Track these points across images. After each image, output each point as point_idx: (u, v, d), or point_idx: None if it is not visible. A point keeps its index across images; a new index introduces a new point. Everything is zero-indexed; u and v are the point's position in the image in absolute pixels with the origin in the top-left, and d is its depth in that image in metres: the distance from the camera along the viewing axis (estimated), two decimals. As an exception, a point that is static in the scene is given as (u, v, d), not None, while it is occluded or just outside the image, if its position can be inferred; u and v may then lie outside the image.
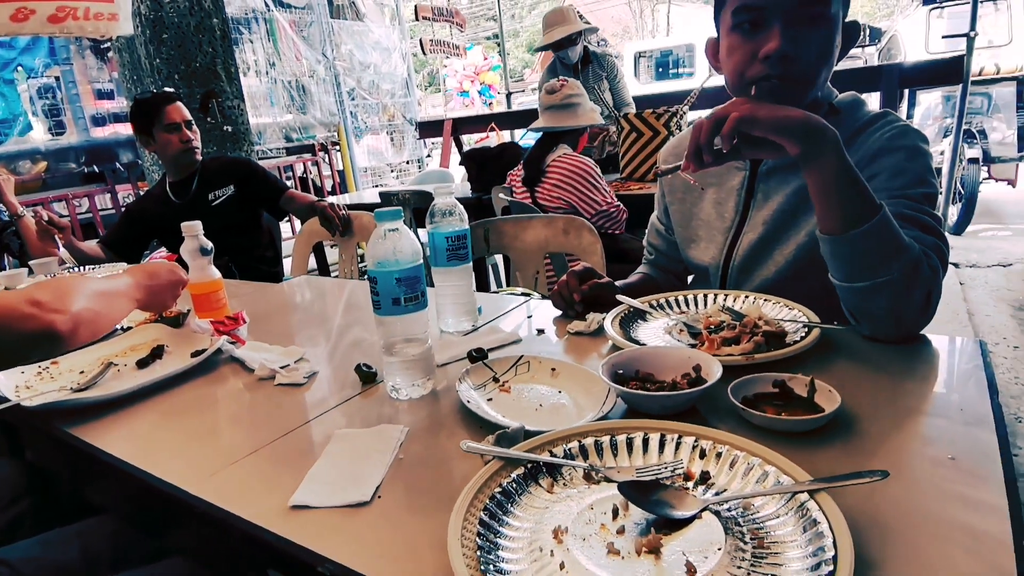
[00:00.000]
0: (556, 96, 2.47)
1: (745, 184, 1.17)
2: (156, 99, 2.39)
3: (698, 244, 1.26)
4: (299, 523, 0.66)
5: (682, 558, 0.52)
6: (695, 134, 0.85)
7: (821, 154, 0.83)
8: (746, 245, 1.16)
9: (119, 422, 0.96)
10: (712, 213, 1.22)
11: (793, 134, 0.81)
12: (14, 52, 5.12)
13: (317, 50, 5.86)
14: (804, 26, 0.95)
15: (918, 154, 1.01)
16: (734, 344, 0.91)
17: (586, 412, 0.81)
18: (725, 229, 1.20)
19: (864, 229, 0.84)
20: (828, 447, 0.69)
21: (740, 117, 0.80)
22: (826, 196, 0.86)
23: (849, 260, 0.88)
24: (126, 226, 2.51)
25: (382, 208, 0.89)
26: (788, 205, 1.12)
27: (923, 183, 0.99)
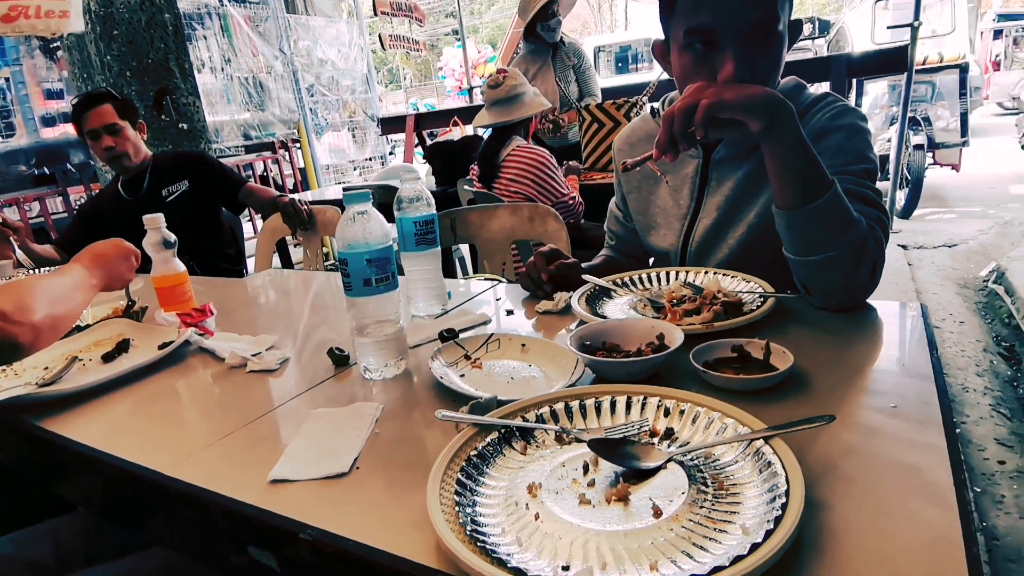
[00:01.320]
0: (500, 90, 2.45)
1: (699, 172, 1.22)
2: (78, 104, 2.29)
3: (657, 231, 1.30)
4: (279, 496, 0.67)
5: (649, 503, 0.55)
6: (668, 125, 0.87)
7: (782, 128, 0.87)
8: (702, 230, 1.21)
9: (89, 414, 0.95)
10: (669, 201, 1.27)
11: (758, 110, 0.85)
12: (-39, 54, 4.90)
13: (274, 46, 5.76)
14: (756, 46, 0.98)
15: (857, 132, 1.07)
16: (695, 315, 0.95)
17: (556, 383, 0.84)
18: (681, 216, 1.24)
19: (818, 204, 0.89)
20: (783, 403, 0.73)
21: (710, 103, 0.83)
22: (784, 170, 0.90)
23: (803, 234, 0.93)
24: (79, 226, 2.45)
25: (351, 191, 0.91)
26: (739, 190, 1.16)
27: (864, 159, 1.05)
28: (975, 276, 3.86)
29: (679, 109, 0.85)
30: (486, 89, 2.52)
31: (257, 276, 1.87)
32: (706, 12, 0.98)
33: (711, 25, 0.98)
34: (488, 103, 2.52)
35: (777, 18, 0.98)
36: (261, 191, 2.47)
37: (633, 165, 0.95)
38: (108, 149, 2.27)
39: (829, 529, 0.52)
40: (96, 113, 2.25)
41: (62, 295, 1.01)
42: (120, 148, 2.29)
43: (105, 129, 2.26)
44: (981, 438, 2.25)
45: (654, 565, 0.47)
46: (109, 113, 2.26)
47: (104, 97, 2.29)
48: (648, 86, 3.27)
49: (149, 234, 1.28)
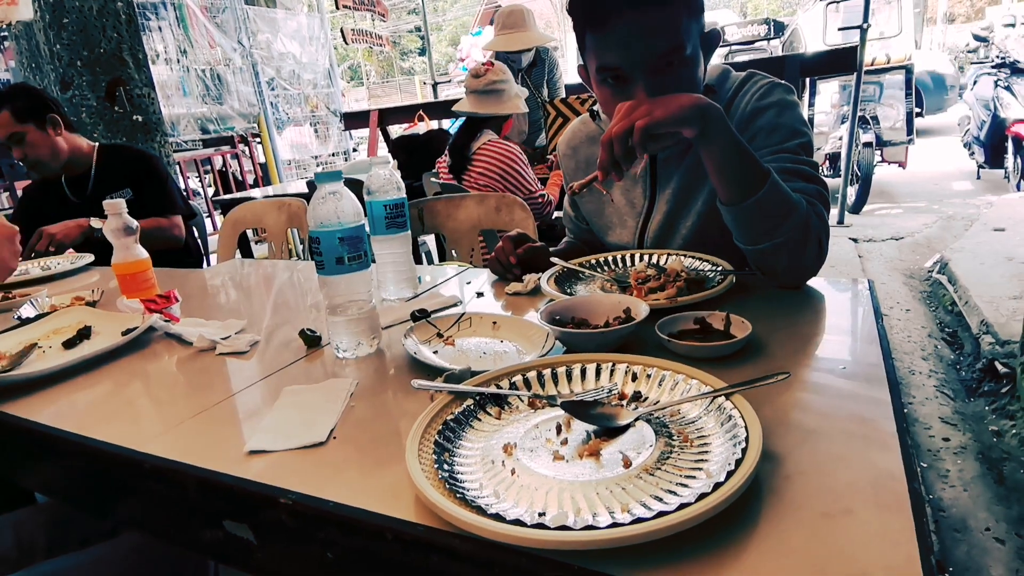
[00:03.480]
0: (480, 81, 2.46)
1: (648, 171, 1.25)
2: None
3: (613, 230, 1.33)
4: (257, 467, 0.68)
5: (619, 456, 0.58)
6: (608, 150, 0.89)
7: (713, 131, 0.89)
8: (656, 225, 1.25)
9: (52, 399, 0.94)
10: (622, 200, 1.30)
11: (689, 120, 0.87)
12: None
13: (232, 38, 5.63)
14: (666, 74, 1.01)
15: (787, 107, 1.11)
16: (660, 292, 0.99)
17: (527, 356, 0.87)
18: (636, 214, 1.28)
19: (758, 196, 0.92)
20: (742, 368, 0.78)
21: (644, 125, 0.86)
22: (721, 169, 0.94)
23: (748, 225, 0.97)
24: (21, 221, 2.25)
25: (322, 171, 0.91)
26: (684, 182, 1.20)
27: (797, 134, 1.09)
28: (920, 267, 4.04)
29: (616, 134, 0.87)
30: (468, 77, 2.52)
31: (220, 266, 1.84)
32: (610, 53, 1.01)
33: (616, 63, 1.01)
34: (467, 91, 2.52)
35: (682, 46, 0.99)
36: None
37: (580, 188, 0.98)
38: (21, 159, 2.11)
39: (784, 473, 0.56)
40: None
41: None
42: (31, 155, 2.11)
43: (8, 140, 2.08)
44: (927, 417, 2.37)
45: (625, 507, 0.50)
46: (6, 122, 2.06)
47: (0, 104, 2.07)
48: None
49: (110, 220, 1.25)
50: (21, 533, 1.08)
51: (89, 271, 1.86)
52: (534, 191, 2.46)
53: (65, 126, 2.20)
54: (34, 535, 1.09)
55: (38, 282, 1.71)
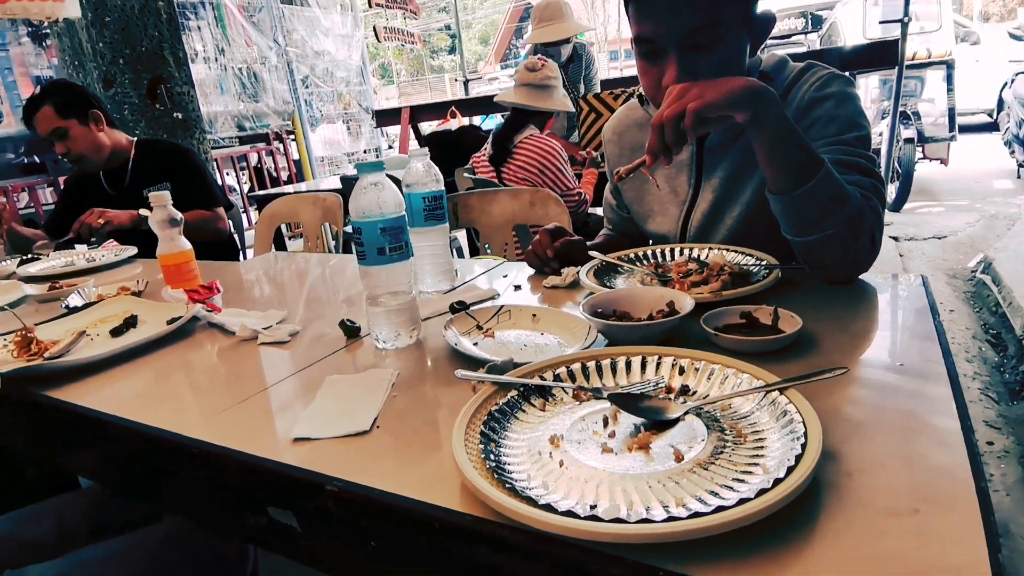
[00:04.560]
0: (536, 75, 2.46)
1: (694, 158, 1.23)
2: (23, 113, 2.15)
3: (654, 218, 1.31)
4: (302, 454, 0.68)
5: (670, 449, 0.57)
6: (658, 134, 0.87)
7: (767, 116, 0.87)
8: (700, 214, 1.22)
9: (99, 385, 0.96)
10: (665, 188, 1.28)
11: (742, 103, 0.85)
12: (-58, 38, 4.81)
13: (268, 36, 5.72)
14: (698, 53, 0.99)
15: (846, 99, 1.07)
16: (703, 285, 0.97)
17: (568, 348, 0.86)
18: (680, 202, 1.26)
19: (810, 186, 0.89)
20: (791, 364, 0.75)
21: (696, 108, 0.83)
22: (773, 157, 0.91)
23: (799, 216, 0.94)
24: (63, 213, 2.35)
25: (363, 161, 0.91)
26: (732, 170, 1.17)
27: (854, 126, 1.05)
28: (963, 267, 3.91)
29: (667, 118, 0.85)
30: (522, 70, 2.52)
31: (256, 259, 1.87)
32: (645, 22, 1.00)
33: (650, 35, 1.00)
34: (519, 83, 2.52)
35: (719, 22, 0.97)
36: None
37: (627, 173, 0.96)
38: (63, 155, 2.16)
39: (844, 471, 0.54)
40: (39, 119, 2.10)
41: None
42: (74, 150, 2.15)
43: (52, 135, 2.13)
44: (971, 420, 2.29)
45: (680, 501, 0.49)
46: (49, 118, 2.10)
47: (42, 99, 2.11)
48: (644, 76, 3.29)
49: (155, 211, 1.28)
50: (63, 518, 1.11)
51: (133, 263, 1.90)
52: (571, 188, 2.45)
53: (107, 122, 2.25)
54: (76, 520, 1.11)
55: (84, 273, 1.76)
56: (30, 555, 0.99)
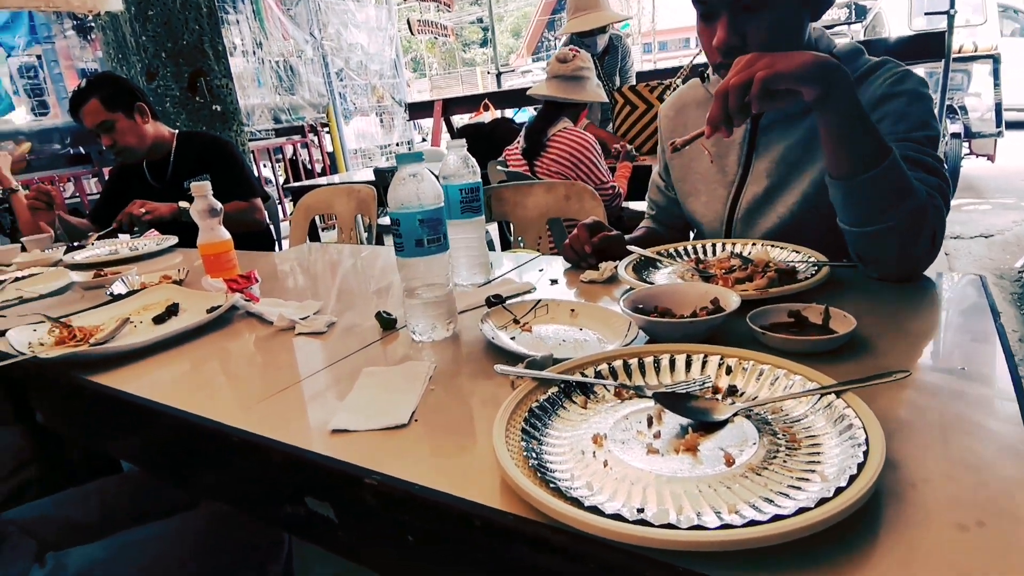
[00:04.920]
0: (567, 66, 2.43)
1: (747, 138, 1.20)
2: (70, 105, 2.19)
3: (698, 198, 1.28)
4: (340, 445, 0.68)
5: (719, 452, 0.55)
6: (721, 101, 0.84)
7: (837, 95, 0.84)
8: (749, 197, 1.19)
9: (142, 371, 0.97)
10: (712, 168, 1.24)
11: (813, 78, 0.82)
12: (-9, 29, 4.99)
13: (304, 30, 5.78)
14: (748, 14, 0.98)
15: (919, 98, 1.04)
16: (748, 282, 0.94)
17: (608, 345, 0.84)
18: (728, 183, 1.22)
19: (875, 173, 0.86)
20: (843, 366, 0.72)
21: (766, 76, 0.81)
22: (839, 139, 0.87)
23: (860, 204, 0.90)
24: (108, 203, 2.41)
25: (402, 152, 0.91)
26: (791, 156, 1.14)
27: (926, 126, 1.02)
28: (1010, 267, 3.76)
29: (734, 85, 0.82)
30: (553, 62, 2.50)
31: (293, 250, 1.89)
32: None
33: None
34: (550, 75, 2.49)
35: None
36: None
37: (683, 144, 0.93)
38: (109, 147, 2.21)
39: (908, 480, 0.51)
40: (86, 112, 2.15)
41: None
42: (120, 143, 2.20)
43: (98, 128, 2.17)
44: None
45: (732, 508, 0.47)
46: (97, 111, 2.14)
47: (89, 92, 2.15)
48: (681, 69, 3.23)
49: (196, 201, 1.30)
50: (106, 501, 1.13)
51: (173, 252, 1.94)
52: (606, 181, 2.42)
53: (151, 115, 2.29)
54: (118, 503, 1.14)
55: (127, 261, 1.80)
56: (75, 536, 1.01)
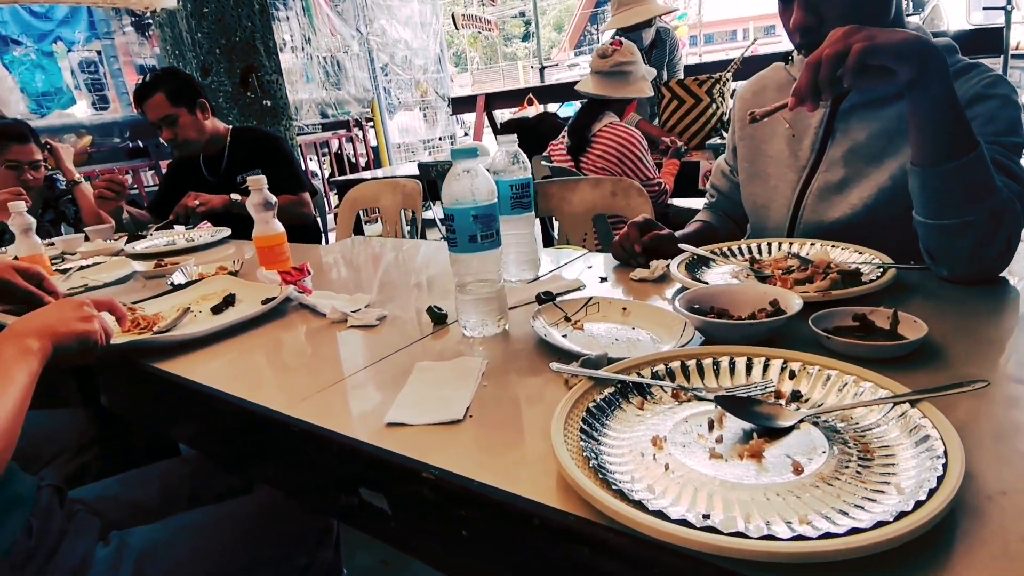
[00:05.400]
0: (606, 62, 2.39)
1: (824, 122, 1.16)
2: (135, 96, 2.26)
3: (765, 181, 1.24)
4: (396, 438, 0.68)
5: (787, 460, 0.53)
6: (811, 72, 0.81)
7: (932, 78, 0.81)
8: (820, 184, 1.15)
9: (202, 359, 1.00)
10: (784, 151, 1.21)
11: (911, 58, 0.79)
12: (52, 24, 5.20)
13: (351, 25, 5.87)
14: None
15: (1010, 103, 1.01)
16: (808, 283, 0.91)
17: (663, 345, 0.82)
18: (799, 168, 1.18)
19: (960, 163, 0.83)
20: (914, 373, 0.69)
21: (863, 48, 0.78)
22: (928, 124, 0.84)
23: (939, 195, 0.87)
24: (165, 194, 2.50)
25: (458, 147, 0.91)
26: (871, 145, 1.10)
27: (1014, 132, 0.99)
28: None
29: (828, 55, 0.79)
30: (594, 57, 2.47)
31: (341, 243, 1.92)
32: None
33: None
34: (592, 71, 2.47)
35: None
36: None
37: (763, 116, 0.91)
38: (170, 140, 2.29)
39: (985, 493, 0.49)
40: (150, 105, 2.22)
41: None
42: (181, 137, 2.27)
43: (162, 121, 2.24)
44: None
45: (804, 519, 0.45)
46: (161, 105, 2.21)
47: (155, 86, 2.23)
48: (732, 62, 3.15)
49: (252, 195, 1.33)
50: (165, 483, 1.17)
51: (226, 243, 2.00)
52: (652, 178, 2.38)
53: (210, 111, 2.36)
54: (177, 486, 1.18)
55: (184, 252, 1.86)
56: (136, 516, 1.05)
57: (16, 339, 0.82)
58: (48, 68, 5.14)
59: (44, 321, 0.87)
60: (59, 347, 0.86)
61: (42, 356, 0.83)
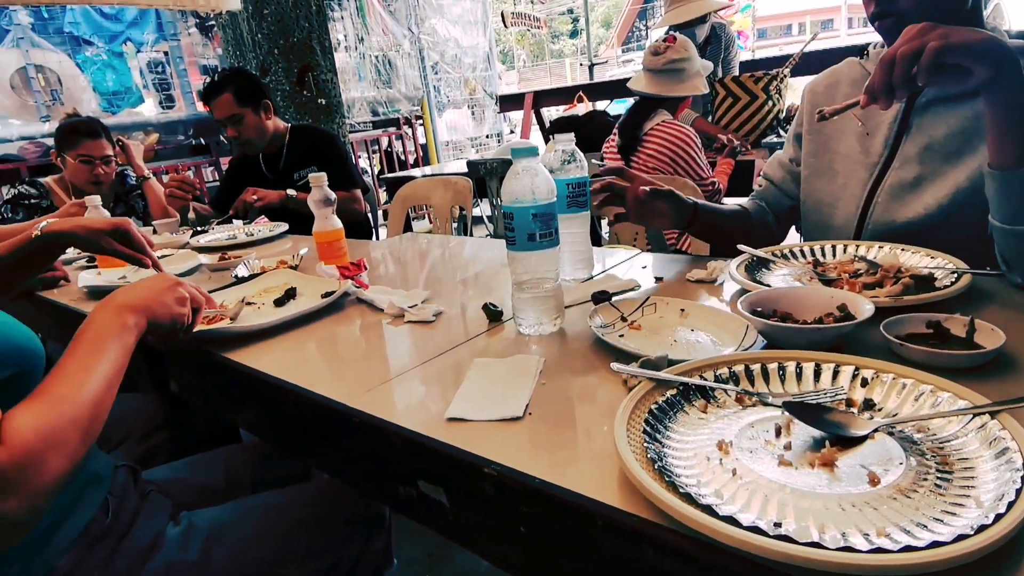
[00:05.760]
0: (659, 59, 2.35)
1: (898, 118, 1.12)
2: (204, 94, 2.36)
3: (833, 178, 1.20)
4: (456, 433, 0.70)
5: (861, 470, 0.52)
6: (885, 69, 0.80)
7: (1007, 80, 0.78)
8: (893, 182, 1.11)
9: (266, 349, 1.04)
10: (855, 147, 1.17)
11: (987, 58, 0.77)
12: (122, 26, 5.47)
13: (403, 25, 5.97)
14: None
15: None
16: (878, 288, 0.88)
17: (724, 348, 0.81)
18: (870, 165, 1.14)
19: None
20: (991, 383, 0.66)
21: (939, 47, 0.76)
22: (1005, 126, 0.82)
23: (1017, 200, 0.83)
24: (226, 189, 2.60)
25: (518, 146, 0.91)
26: (948, 142, 1.05)
27: None
28: None
29: (903, 53, 0.77)
30: (646, 54, 2.43)
31: (393, 239, 1.95)
32: None
33: None
34: (644, 68, 2.43)
35: None
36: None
37: (832, 114, 0.88)
38: (233, 138, 2.38)
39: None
40: (218, 104, 2.31)
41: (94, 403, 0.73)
42: (244, 135, 2.36)
43: (228, 120, 2.33)
44: None
45: (881, 531, 0.44)
46: (228, 104, 2.29)
47: (223, 86, 2.31)
48: (791, 58, 3.07)
49: (313, 192, 1.37)
50: (229, 467, 1.22)
51: (284, 238, 2.06)
52: (705, 177, 2.33)
53: (273, 111, 2.45)
54: (240, 470, 1.22)
55: (244, 246, 1.93)
56: (203, 498, 1.10)
57: (116, 312, 0.84)
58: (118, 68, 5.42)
59: (144, 298, 0.89)
60: (153, 325, 0.89)
61: (138, 332, 0.85)
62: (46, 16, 5.23)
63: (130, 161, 2.58)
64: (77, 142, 2.35)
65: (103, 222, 1.19)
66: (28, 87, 5.10)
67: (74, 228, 1.17)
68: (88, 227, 1.18)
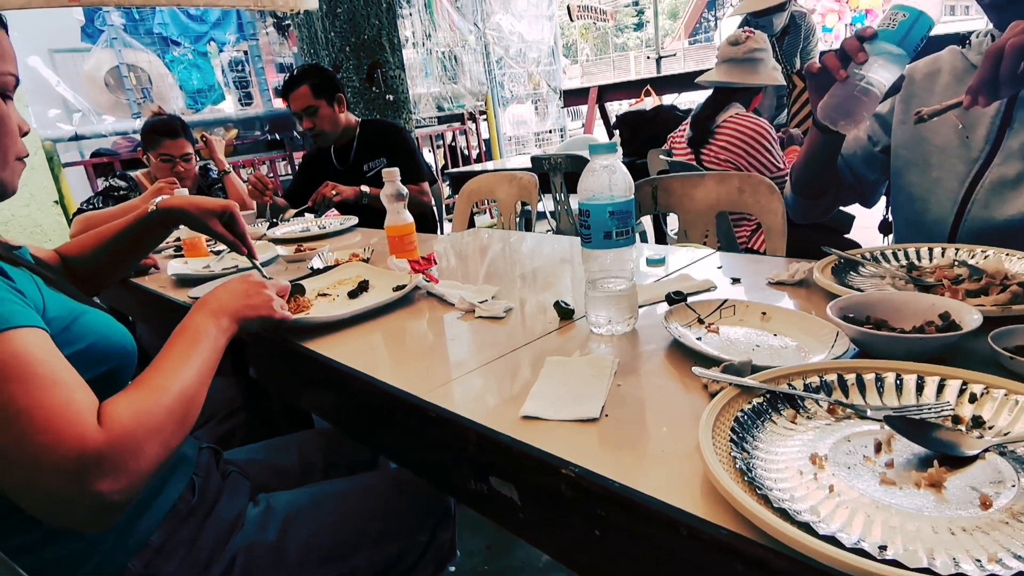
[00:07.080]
0: (739, 49, 2.28)
1: (1002, 110, 1.04)
2: (284, 86, 2.45)
3: (926, 172, 1.13)
4: (531, 431, 0.69)
5: (972, 492, 0.48)
6: (992, 63, 0.75)
7: None
8: (994, 177, 1.04)
9: (341, 340, 1.06)
10: (953, 140, 1.10)
11: None
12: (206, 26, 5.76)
13: (469, 20, 6.01)
14: None
15: None
16: (983, 295, 0.82)
17: (811, 355, 0.77)
18: (970, 159, 1.07)
19: None
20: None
21: None
22: None
23: None
24: (300, 183, 2.70)
25: (597, 143, 0.90)
26: None
27: None
28: None
29: (1013, 46, 0.72)
30: (724, 45, 2.37)
31: (459, 234, 1.97)
32: None
33: None
34: (721, 59, 2.37)
35: None
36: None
37: (931, 115, 0.82)
38: (308, 129, 2.47)
39: None
40: (295, 96, 2.41)
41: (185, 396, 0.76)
42: (318, 127, 2.45)
43: (303, 112, 2.43)
44: None
45: (993, 557, 0.41)
46: (305, 96, 2.39)
47: (302, 79, 2.41)
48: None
49: (386, 186, 1.39)
50: (304, 452, 1.26)
51: (354, 231, 2.11)
52: (783, 168, 2.24)
53: (345, 105, 2.53)
54: (313, 455, 1.26)
55: (317, 238, 1.99)
56: (279, 481, 1.14)
57: (213, 316, 0.91)
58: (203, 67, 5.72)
59: (235, 303, 0.96)
60: (243, 326, 0.96)
61: (229, 335, 0.92)
62: (137, 17, 5.56)
63: (212, 156, 2.71)
64: (158, 142, 2.49)
65: (215, 203, 1.21)
66: (121, 85, 5.44)
67: (186, 206, 1.21)
68: (200, 206, 1.21)
